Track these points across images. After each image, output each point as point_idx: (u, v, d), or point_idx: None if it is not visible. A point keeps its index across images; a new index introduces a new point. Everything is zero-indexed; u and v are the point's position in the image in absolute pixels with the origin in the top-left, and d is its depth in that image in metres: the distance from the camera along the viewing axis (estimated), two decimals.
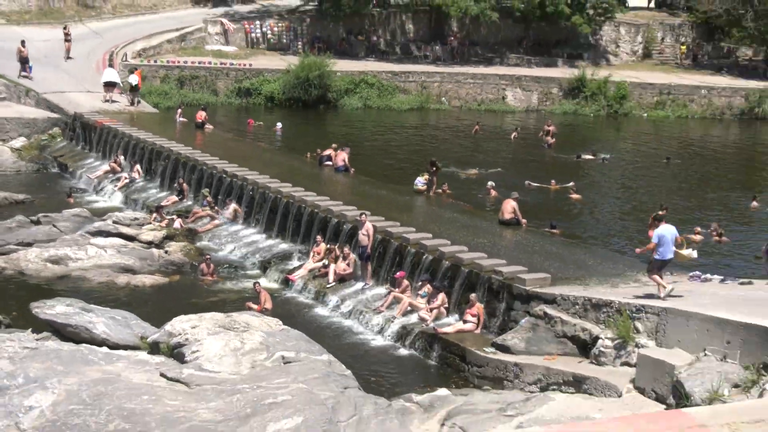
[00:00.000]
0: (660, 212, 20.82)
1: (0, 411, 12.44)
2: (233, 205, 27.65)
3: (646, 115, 55.71)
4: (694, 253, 20.68)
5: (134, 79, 40.94)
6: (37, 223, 26.05)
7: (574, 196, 32.28)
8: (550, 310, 17.90)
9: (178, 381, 13.87)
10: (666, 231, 17.28)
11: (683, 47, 65.72)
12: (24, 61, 41.86)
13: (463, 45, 59.91)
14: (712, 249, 26.85)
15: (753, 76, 61.37)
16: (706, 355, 14.69)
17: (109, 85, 40.42)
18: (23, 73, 41.42)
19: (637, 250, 17.79)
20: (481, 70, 56.83)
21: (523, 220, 25.37)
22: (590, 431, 9.58)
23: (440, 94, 54.11)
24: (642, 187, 36.29)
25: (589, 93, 54.95)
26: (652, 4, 69.83)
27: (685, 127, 54.11)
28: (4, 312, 18.54)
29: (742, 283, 19.45)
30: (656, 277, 17.23)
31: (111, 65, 43.27)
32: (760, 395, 12.44)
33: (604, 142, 44.96)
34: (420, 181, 29.75)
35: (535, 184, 32.74)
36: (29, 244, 24.15)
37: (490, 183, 31.45)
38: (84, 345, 15.58)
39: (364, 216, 22.82)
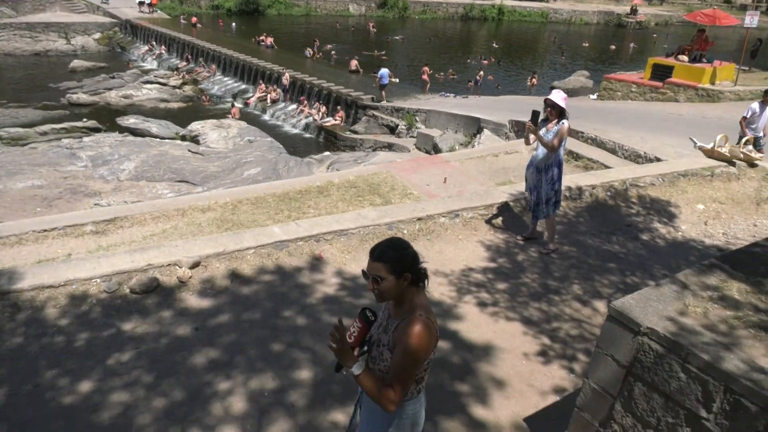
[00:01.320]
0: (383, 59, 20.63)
1: (108, 172, 11.88)
2: (213, 66, 25.97)
3: (418, 17, 53.76)
4: (396, 80, 22.49)
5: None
6: (113, 78, 23.97)
7: (385, 57, 31.46)
8: (376, 113, 17.77)
9: (197, 153, 13.43)
10: (384, 71, 18.73)
11: None
12: None
13: None
14: (449, 82, 26.83)
15: None
16: (447, 131, 14.98)
17: (141, 4, 36.89)
18: (104, 2, 37.19)
19: (374, 84, 18.57)
20: None
21: (361, 70, 24.64)
22: (396, 165, 9.82)
23: (315, 8, 50.70)
24: (418, 51, 35.46)
25: (390, 6, 52.50)
26: None
27: (436, 23, 52.50)
28: (102, 123, 17.30)
29: (463, 97, 19.65)
30: (383, 92, 18.45)
31: None
32: (472, 147, 12.86)
33: (400, 30, 43.33)
34: (307, 51, 28.54)
35: (367, 53, 31.56)
36: (110, 89, 22.27)
37: (333, 52, 30.20)
38: (147, 137, 14.83)
39: (284, 69, 21.82)
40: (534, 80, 26.03)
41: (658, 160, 9.49)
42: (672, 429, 2.75)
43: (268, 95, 21.81)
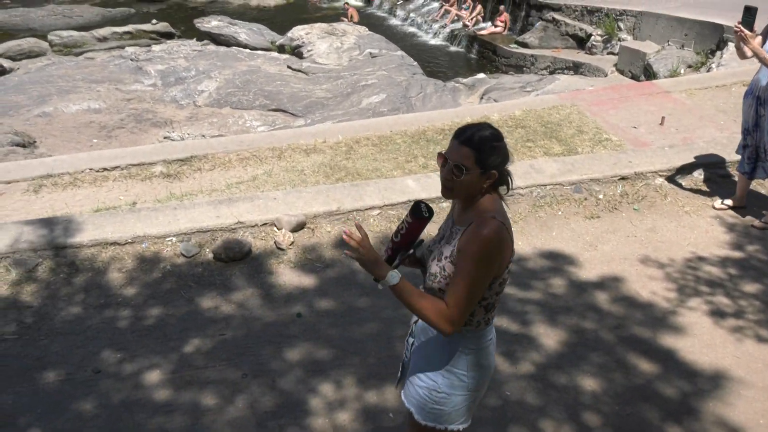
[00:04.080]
0: None
1: (182, 93, 12.71)
2: None
3: None
4: None
5: None
6: None
7: None
8: (557, 16, 17.30)
9: (299, 71, 13.95)
10: None
11: None
12: None
13: None
14: None
15: None
16: (669, 44, 14.24)
17: None
18: None
19: None
20: None
21: None
22: (585, 96, 9.54)
23: None
24: None
25: None
26: None
27: None
28: (176, 27, 18.47)
29: None
30: None
31: None
32: (708, 70, 12.12)
33: None
34: None
35: None
36: None
37: None
38: (234, 47, 15.62)
39: None
40: None
41: None
42: None
43: None
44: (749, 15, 5.40)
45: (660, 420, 4.01)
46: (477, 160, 2.47)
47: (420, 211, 2.51)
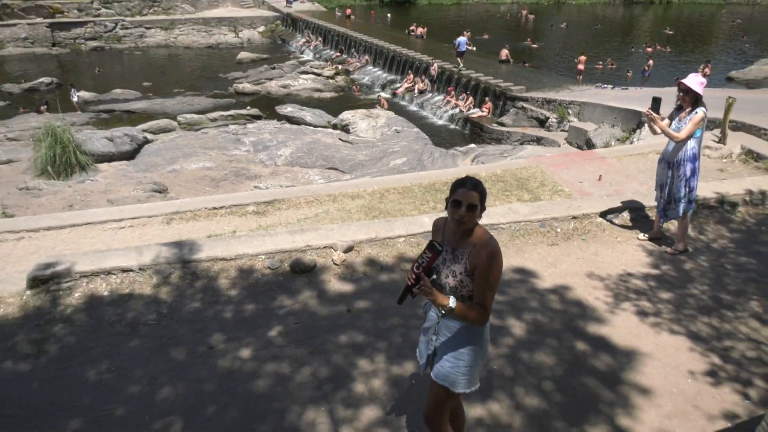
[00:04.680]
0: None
1: (267, 157, 12.87)
2: (366, 56, 26.90)
3: (574, 2, 51.05)
4: (474, 48, 25.33)
5: None
6: (273, 68, 25.87)
7: (535, 46, 30.41)
8: (525, 104, 17.34)
9: (347, 141, 14.07)
10: (462, 39, 21.56)
11: None
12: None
13: None
14: (607, 72, 25.34)
15: None
16: (603, 125, 14.19)
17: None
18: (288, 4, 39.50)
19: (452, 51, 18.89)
20: None
21: (511, 60, 24.05)
22: (545, 160, 9.51)
23: None
24: (578, 40, 33.71)
25: None
26: None
27: (595, 8, 49.48)
28: (263, 111, 18.77)
29: (623, 89, 18.39)
30: (460, 60, 21.37)
31: None
32: (631, 143, 12.05)
33: (559, 17, 41.47)
34: (462, 44, 28.39)
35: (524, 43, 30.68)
36: (270, 79, 24.11)
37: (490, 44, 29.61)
38: (302, 125, 15.82)
39: (433, 60, 22.07)
40: (707, 70, 23.66)
41: None
42: None
43: (416, 86, 22.18)
44: (656, 103, 5.50)
45: (598, 387, 3.96)
46: (481, 199, 2.61)
47: (435, 247, 2.57)
